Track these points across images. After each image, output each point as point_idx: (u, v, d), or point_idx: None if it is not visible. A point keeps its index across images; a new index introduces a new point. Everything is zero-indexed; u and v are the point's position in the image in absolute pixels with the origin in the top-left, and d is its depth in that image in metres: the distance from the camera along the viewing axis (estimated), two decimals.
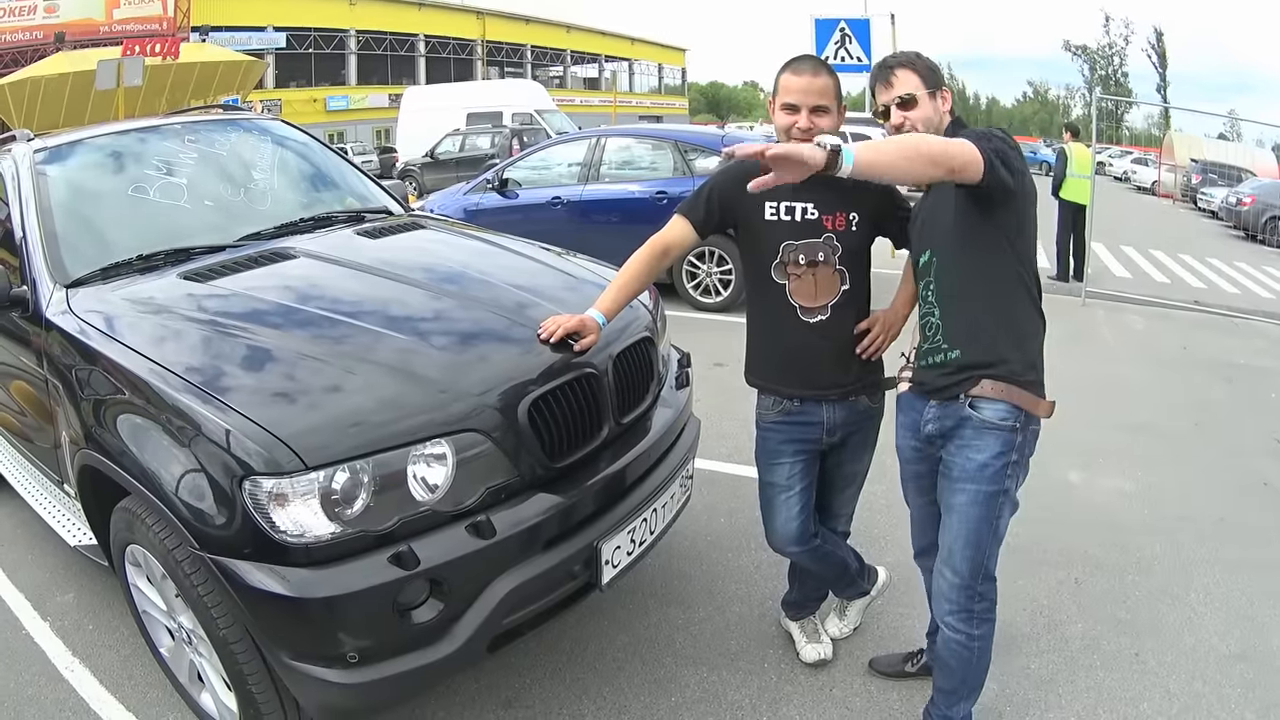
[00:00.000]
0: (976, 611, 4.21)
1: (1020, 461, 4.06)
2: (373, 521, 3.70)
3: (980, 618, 4.22)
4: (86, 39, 48.48)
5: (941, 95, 4.10)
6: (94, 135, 6.49)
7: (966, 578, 4.17)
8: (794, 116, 4.23)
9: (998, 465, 4.00)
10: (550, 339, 4.38)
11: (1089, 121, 18.21)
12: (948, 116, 4.12)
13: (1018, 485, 4.10)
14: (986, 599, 4.22)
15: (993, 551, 4.16)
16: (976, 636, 4.23)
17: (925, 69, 4.09)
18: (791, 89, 4.26)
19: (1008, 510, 4.11)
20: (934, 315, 4.11)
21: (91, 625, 5.63)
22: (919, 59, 4.13)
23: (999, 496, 4.04)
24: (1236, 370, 11.85)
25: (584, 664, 5.20)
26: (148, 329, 4.55)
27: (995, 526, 4.10)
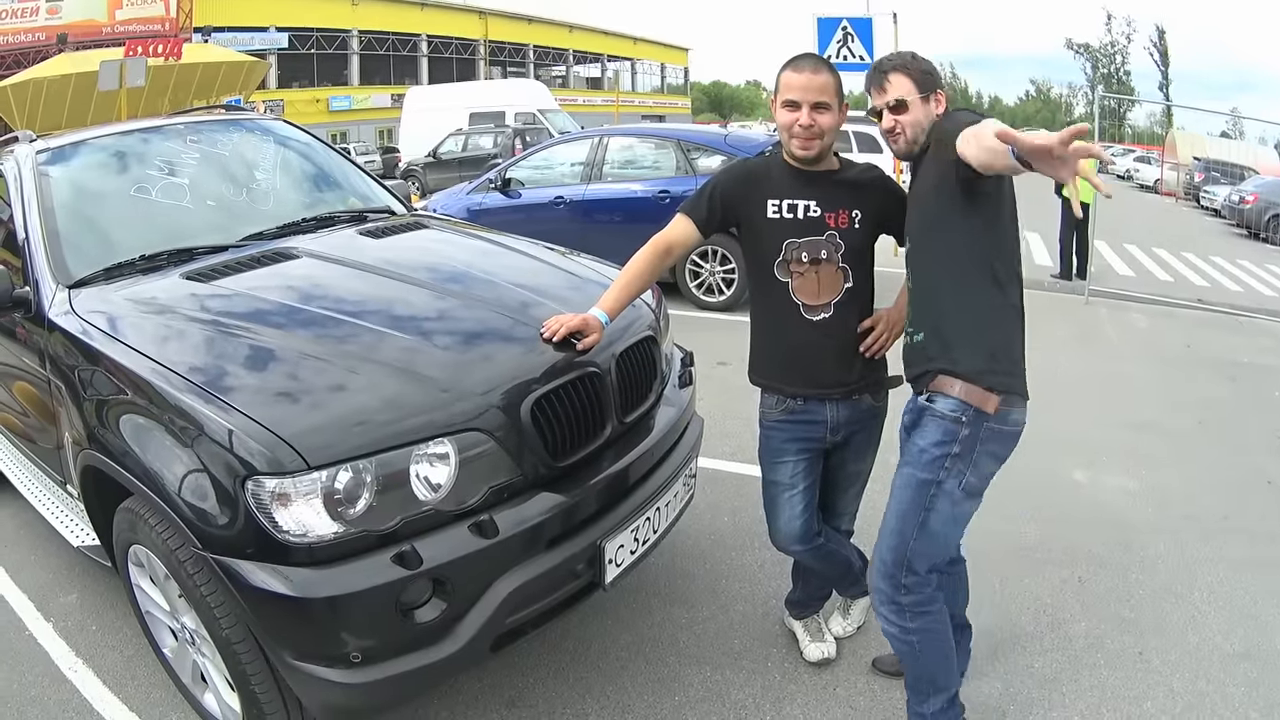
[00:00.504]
0: (905, 605, 4.19)
1: (963, 455, 3.99)
2: (376, 521, 3.70)
3: (911, 611, 4.19)
4: (89, 40, 48.38)
5: (935, 99, 4.08)
6: (96, 136, 6.49)
7: (890, 565, 4.18)
8: (795, 113, 4.22)
9: (934, 453, 4.01)
10: (553, 338, 4.38)
11: (1092, 120, 18.18)
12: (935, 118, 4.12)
13: (960, 484, 4.02)
14: (914, 593, 4.17)
15: (919, 547, 4.11)
16: (911, 630, 4.22)
17: (919, 73, 4.08)
18: (793, 86, 4.25)
19: (943, 508, 4.05)
20: (910, 296, 4.22)
21: (95, 626, 5.64)
22: (913, 62, 4.11)
23: (930, 486, 4.04)
24: (1240, 368, 11.85)
25: (588, 663, 5.20)
26: (150, 329, 4.55)
27: (924, 519, 4.07)
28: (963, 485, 4.02)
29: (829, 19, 18.31)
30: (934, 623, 4.23)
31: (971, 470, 4.01)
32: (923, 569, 4.15)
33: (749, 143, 14.47)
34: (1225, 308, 16.43)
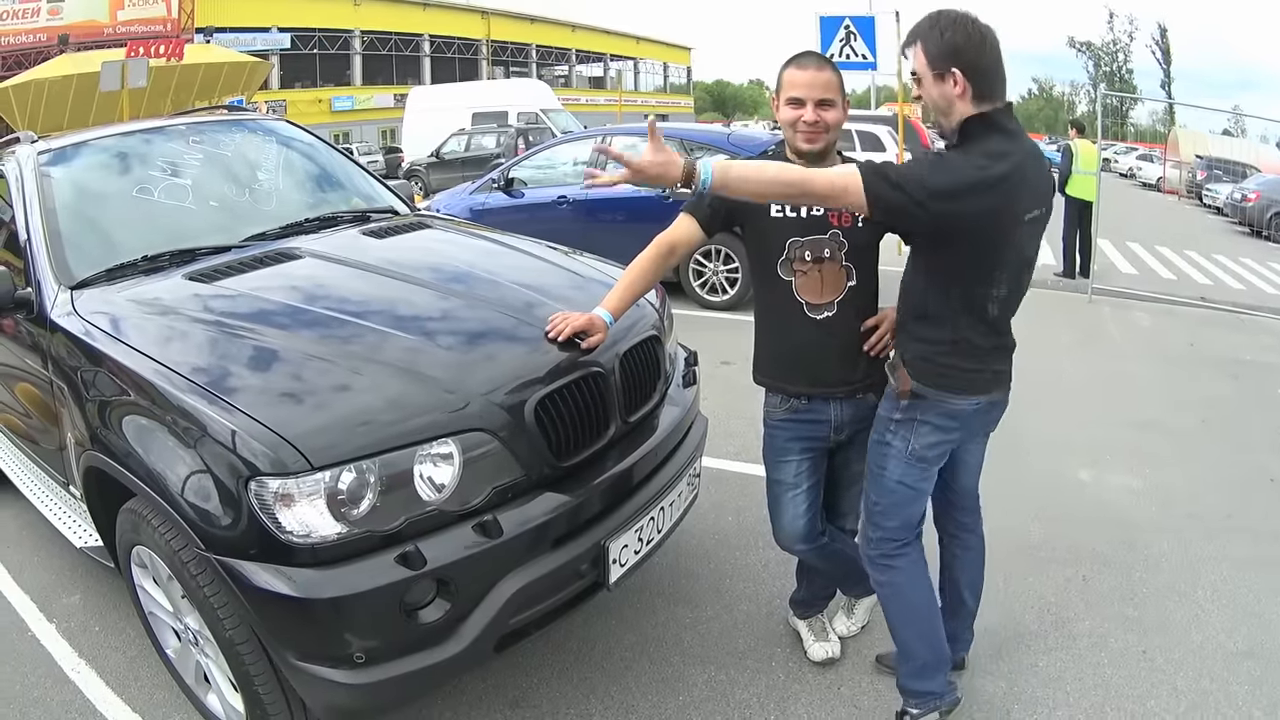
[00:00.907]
0: (871, 556, 4.43)
1: (904, 421, 4.20)
2: (379, 521, 3.70)
3: (875, 563, 4.43)
4: (90, 41, 48.42)
5: (951, 77, 3.79)
6: (98, 137, 6.50)
7: (866, 524, 4.46)
8: (799, 110, 4.23)
9: (883, 417, 4.33)
10: (558, 337, 4.38)
11: (1094, 118, 18.20)
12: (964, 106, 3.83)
13: (906, 448, 4.21)
14: (878, 547, 4.40)
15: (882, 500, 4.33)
16: (881, 582, 4.45)
17: (934, 47, 3.84)
18: (797, 83, 4.25)
19: (892, 464, 4.26)
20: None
21: (98, 627, 5.64)
22: (930, 32, 3.85)
23: (881, 446, 4.31)
24: (1243, 366, 11.84)
25: (591, 663, 5.19)
26: (153, 330, 4.55)
27: (880, 476, 4.32)
28: (910, 450, 4.19)
29: (831, 18, 18.35)
30: (897, 577, 4.39)
31: (914, 436, 4.19)
32: (888, 524, 4.33)
33: (752, 142, 14.47)
34: (1228, 306, 16.43)
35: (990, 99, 3.83)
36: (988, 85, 3.82)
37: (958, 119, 3.85)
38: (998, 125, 3.84)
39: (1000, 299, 3.97)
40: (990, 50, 3.82)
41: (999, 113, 3.84)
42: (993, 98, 3.84)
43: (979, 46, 3.80)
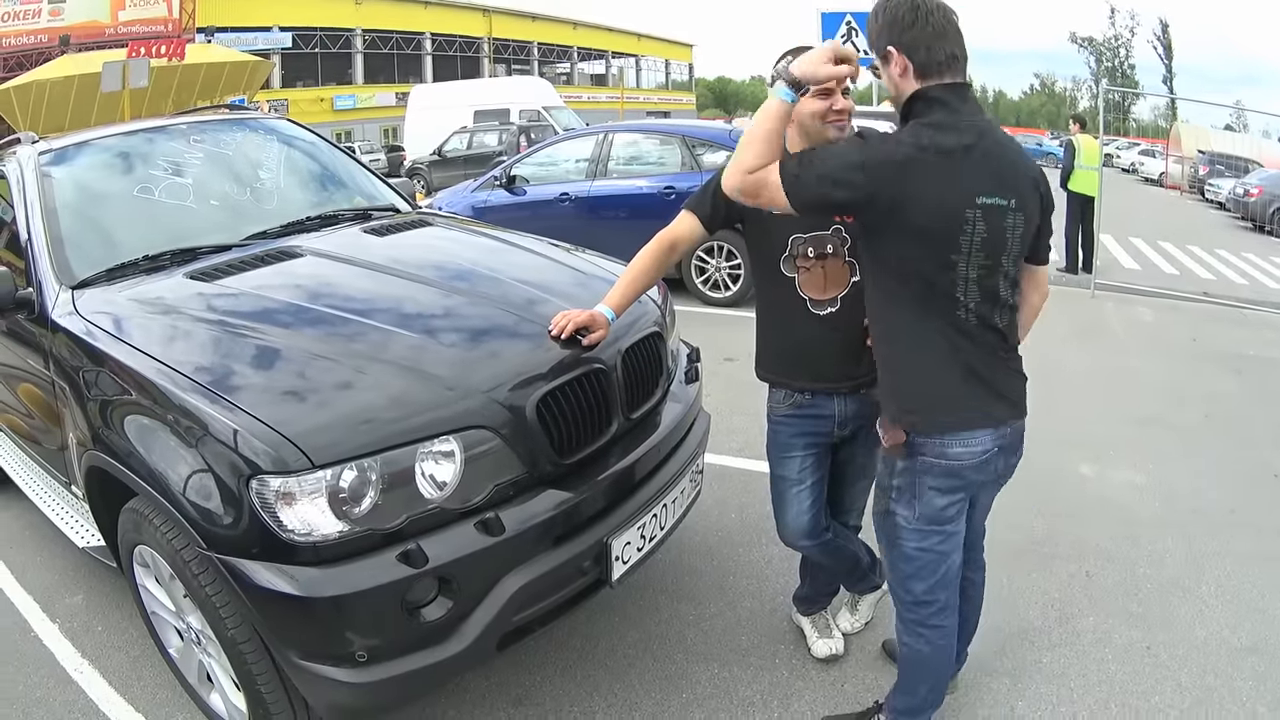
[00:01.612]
0: (906, 621, 4.20)
1: (906, 489, 3.92)
2: (381, 520, 3.70)
3: (910, 629, 4.19)
4: (92, 41, 48.49)
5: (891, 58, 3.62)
6: (98, 136, 6.52)
7: (892, 584, 4.22)
8: (829, 99, 4.15)
9: (883, 484, 4.05)
10: (560, 335, 4.38)
11: (1096, 113, 18.19)
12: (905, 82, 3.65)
13: (912, 515, 3.93)
14: (913, 612, 4.15)
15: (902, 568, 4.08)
16: (905, 644, 4.24)
17: (871, 31, 3.74)
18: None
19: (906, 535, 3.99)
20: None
21: (100, 627, 5.64)
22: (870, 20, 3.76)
23: (887, 516, 4.04)
24: (1246, 361, 11.85)
25: (595, 661, 5.20)
26: (154, 329, 4.56)
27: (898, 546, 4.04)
28: (917, 516, 3.92)
29: (833, 13, 18.36)
30: (926, 645, 4.19)
31: (918, 502, 3.91)
32: (917, 589, 4.09)
33: None
34: (1231, 301, 16.47)
35: (934, 75, 3.62)
36: (926, 61, 3.61)
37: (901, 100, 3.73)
38: (939, 101, 3.61)
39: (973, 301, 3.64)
40: (928, 24, 3.59)
41: (942, 88, 3.63)
42: (938, 74, 3.62)
43: (910, 20, 3.59)
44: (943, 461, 3.80)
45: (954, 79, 3.63)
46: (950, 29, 3.63)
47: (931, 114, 3.59)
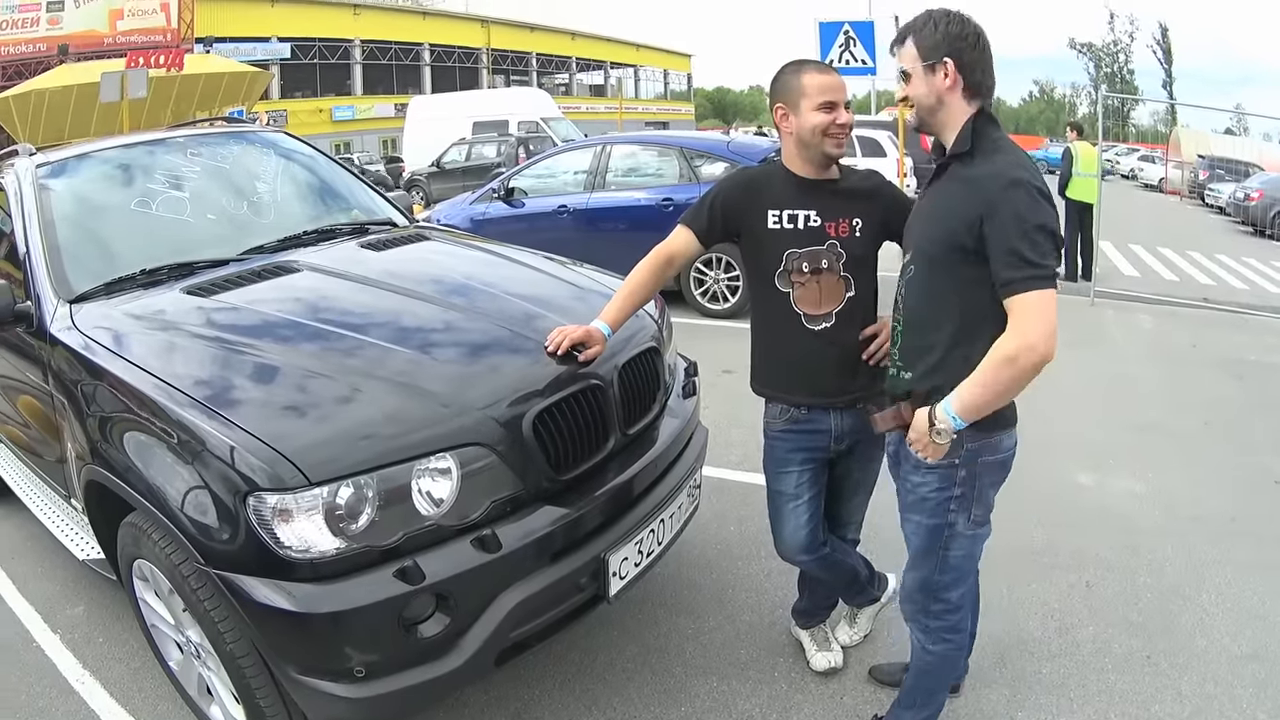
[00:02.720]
0: (931, 628, 4.20)
1: (965, 495, 3.92)
2: (378, 536, 3.71)
3: (936, 636, 4.20)
4: (90, 51, 48.64)
5: (943, 69, 3.69)
6: (96, 149, 6.54)
7: (916, 593, 4.19)
8: (832, 114, 4.21)
9: (936, 499, 3.96)
10: (556, 351, 4.39)
11: (1095, 119, 18.21)
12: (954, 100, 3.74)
13: (969, 518, 3.96)
14: (940, 619, 4.17)
15: (944, 579, 4.10)
16: (931, 651, 4.24)
17: (927, 40, 3.74)
18: (826, 87, 4.24)
19: (961, 543, 4.02)
20: (899, 325, 4.03)
21: (101, 638, 5.66)
22: (925, 26, 3.76)
23: (942, 530, 4.00)
24: (1247, 367, 11.85)
25: (593, 675, 5.19)
26: (152, 344, 4.58)
27: (942, 558, 4.05)
28: (971, 519, 3.97)
29: (831, 23, 18.34)
30: (953, 650, 4.25)
31: (976, 504, 3.95)
32: (952, 596, 4.14)
33: (752, 149, 14.51)
34: (1231, 306, 16.47)
35: (979, 96, 3.77)
36: (978, 81, 3.74)
37: (947, 115, 3.78)
38: (994, 119, 3.79)
39: None
40: (983, 47, 3.75)
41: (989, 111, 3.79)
42: (981, 95, 3.77)
43: (973, 40, 3.72)
44: (999, 456, 3.90)
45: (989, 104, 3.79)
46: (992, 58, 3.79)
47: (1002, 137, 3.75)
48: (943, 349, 3.78)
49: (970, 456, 3.83)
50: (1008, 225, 3.50)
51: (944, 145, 3.86)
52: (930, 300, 3.86)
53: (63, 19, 49.95)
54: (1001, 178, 3.56)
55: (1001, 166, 3.61)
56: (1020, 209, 3.50)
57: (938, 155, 3.95)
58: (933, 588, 4.12)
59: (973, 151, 3.70)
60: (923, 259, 3.88)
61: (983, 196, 3.57)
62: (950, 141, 3.79)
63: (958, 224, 3.64)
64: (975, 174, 3.65)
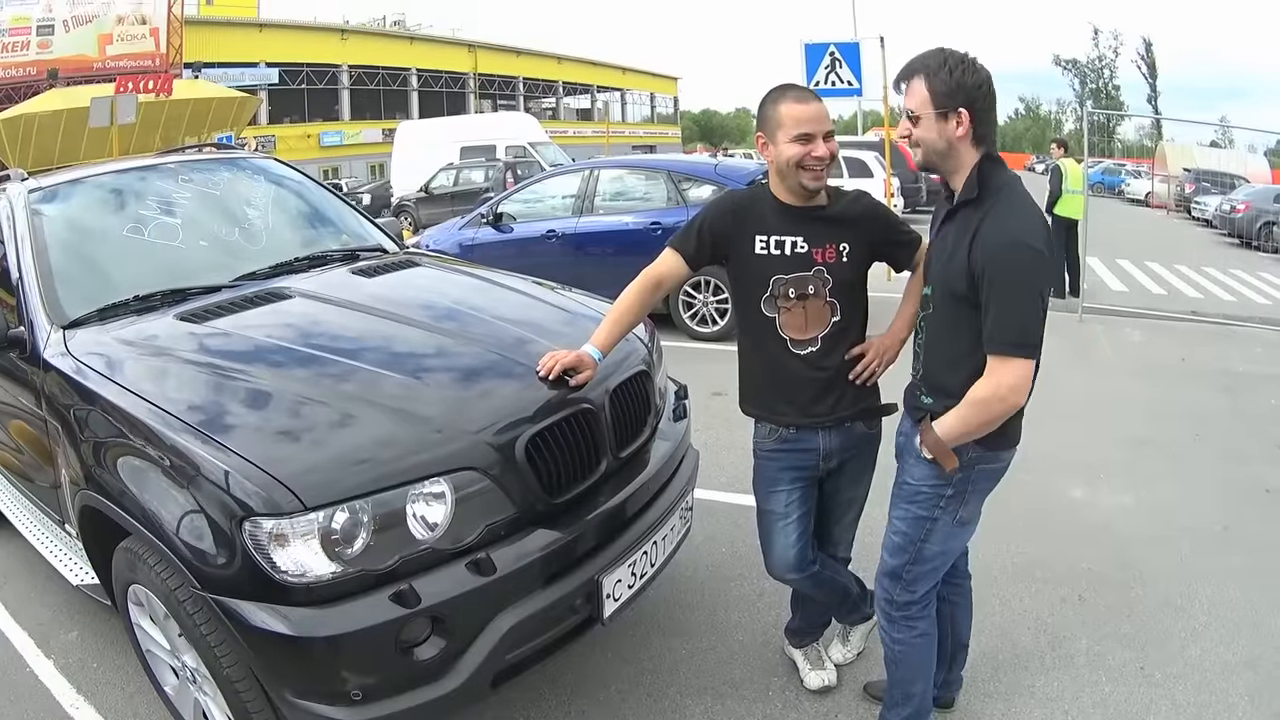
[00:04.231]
0: (894, 617, 4.31)
1: (956, 495, 4.05)
2: (373, 560, 3.72)
3: (900, 622, 4.31)
4: (80, 75, 48.60)
5: (957, 118, 3.72)
6: (89, 175, 6.56)
7: (886, 580, 4.30)
8: (809, 145, 4.20)
9: (928, 492, 4.08)
10: (549, 375, 4.41)
11: (1081, 136, 18.23)
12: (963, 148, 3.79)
13: (954, 519, 4.10)
14: (904, 609, 4.28)
15: (916, 571, 4.20)
16: (896, 639, 4.34)
17: (942, 85, 3.72)
18: (804, 118, 4.23)
19: (938, 539, 4.13)
20: (921, 352, 4.15)
21: (96, 664, 5.64)
22: (940, 70, 3.74)
23: (925, 522, 4.12)
24: (1236, 378, 11.88)
25: (588, 696, 5.20)
26: (146, 370, 4.59)
27: (919, 549, 4.15)
28: (956, 519, 4.08)
29: (816, 45, 18.38)
30: (918, 638, 4.32)
31: (964, 507, 4.08)
32: (920, 590, 4.23)
33: (739, 173, 14.52)
34: (1219, 318, 16.52)
35: (985, 143, 3.82)
36: (986, 129, 3.80)
37: (956, 161, 3.83)
38: (999, 160, 3.87)
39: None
40: (992, 96, 3.80)
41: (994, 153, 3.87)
42: (988, 141, 3.82)
43: (986, 89, 3.76)
44: (995, 466, 4.05)
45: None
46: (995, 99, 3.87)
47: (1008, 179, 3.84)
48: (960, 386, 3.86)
49: (969, 463, 3.95)
50: (1003, 291, 3.64)
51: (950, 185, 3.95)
52: (947, 338, 3.98)
53: (53, 43, 49.93)
54: (1006, 235, 3.66)
55: (1007, 223, 3.69)
56: (1018, 276, 3.65)
57: (946, 194, 4.02)
58: (904, 578, 4.23)
59: (980, 198, 3.77)
60: (939, 298, 3.97)
61: (985, 255, 3.66)
62: (958, 186, 3.86)
63: (962, 275, 3.75)
64: (984, 228, 3.71)
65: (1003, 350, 3.66)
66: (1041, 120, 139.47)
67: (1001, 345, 3.66)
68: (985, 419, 3.75)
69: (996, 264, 3.62)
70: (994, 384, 3.68)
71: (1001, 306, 3.63)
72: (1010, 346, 3.65)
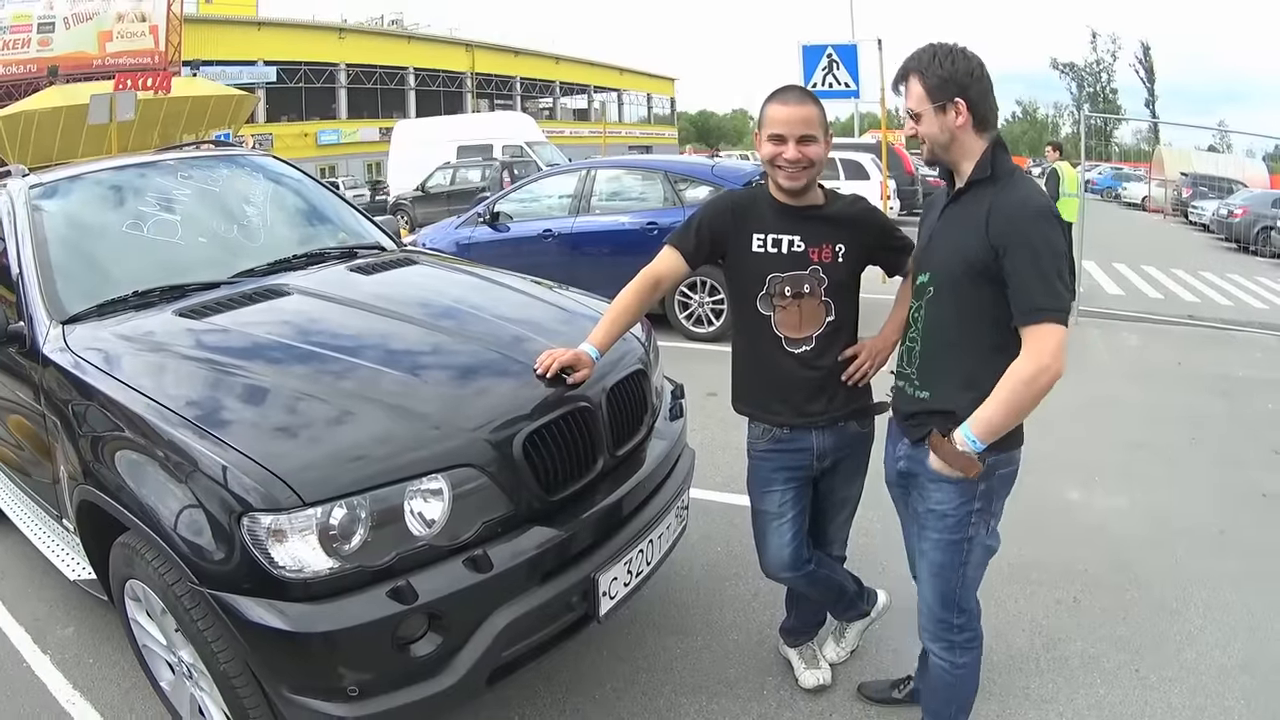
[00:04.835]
0: (957, 642, 4.21)
1: (986, 508, 4.00)
2: (371, 557, 3.72)
3: (962, 647, 4.21)
4: (79, 72, 48.61)
5: (954, 108, 3.76)
6: (89, 171, 6.56)
7: (938, 610, 4.18)
8: (781, 147, 4.23)
9: (959, 515, 4.00)
10: (546, 373, 4.40)
11: (1078, 139, 18.20)
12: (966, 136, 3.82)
13: (988, 529, 4.06)
14: (966, 630, 4.20)
15: (965, 590, 4.14)
16: (959, 664, 4.24)
17: (935, 79, 3.78)
18: (778, 120, 4.26)
19: (978, 554, 4.08)
20: (916, 345, 4.07)
21: (92, 659, 5.64)
22: (930, 64, 3.80)
23: (963, 544, 4.05)
24: (1232, 383, 11.89)
25: (583, 694, 5.20)
26: (145, 366, 4.59)
27: (963, 571, 4.09)
28: (989, 529, 4.06)
29: (814, 46, 18.40)
30: (978, 657, 4.29)
31: (993, 517, 4.07)
32: (970, 604, 4.19)
33: (736, 173, 14.56)
34: (1216, 323, 16.57)
35: (989, 128, 3.84)
36: (987, 113, 3.82)
37: (962, 150, 3.85)
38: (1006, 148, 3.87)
39: None
40: (987, 80, 3.82)
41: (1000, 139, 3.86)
42: (991, 125, 3.84)
43: (978, 74, 3.79)
44: (1011, 468, 4.03)
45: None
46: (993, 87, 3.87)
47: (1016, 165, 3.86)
48: (967, 372, 3.86)
49: (989, 470, 3.89)
50: (1032, 256, 3.62)
51: (953, 174, 3.96)
52: (954, 323, 3.93)
53: (53, 40, 49.98)
54: (1028, 205, 3.69)
55: (1026, 194, 3.73)
56: (1046, 241, 3.62)
57: (949, 181, 4.03)
58: (955, 600, 4.15)
59: (995, 176, 3.78)
60: (945, 281, 3.92)
61: (1008, 223, 3.66)
62: (968, 170, 3.85)
63: (981, 248, 3.71)
64: (1000, 200, 3.71)
65: (1035, 317, 3.62)
66: (1039, 124, 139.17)
67: (1033, 313, 3.62)
68: (1033, 395, 3.68)
69: (1019, 230, 3.64)
70: (1036, 354, 3.62)
71: (1029, 272, 3.62)
72: (1043, 313, 3.61)
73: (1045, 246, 3.61)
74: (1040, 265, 3.60)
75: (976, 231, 3.73)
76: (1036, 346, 3.62)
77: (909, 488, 4.22)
